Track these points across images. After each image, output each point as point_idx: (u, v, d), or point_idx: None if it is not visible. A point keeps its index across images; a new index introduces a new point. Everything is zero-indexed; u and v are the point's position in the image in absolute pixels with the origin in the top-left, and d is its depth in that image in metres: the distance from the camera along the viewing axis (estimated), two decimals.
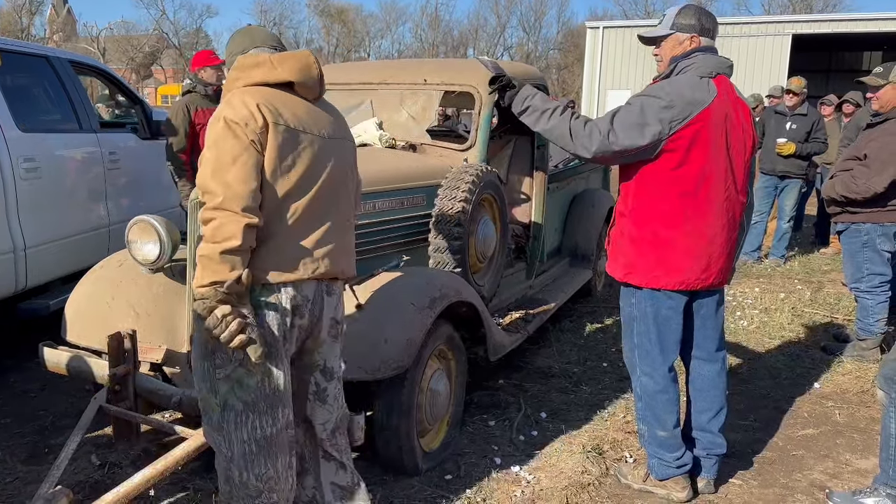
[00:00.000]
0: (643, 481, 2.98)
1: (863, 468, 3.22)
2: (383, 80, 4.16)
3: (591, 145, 2.60)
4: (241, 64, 2.04)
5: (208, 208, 1.84)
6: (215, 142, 1.89)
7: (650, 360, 2.83)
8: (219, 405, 1.99)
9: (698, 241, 2.64)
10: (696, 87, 2.58)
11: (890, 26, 22.60)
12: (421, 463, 2.97)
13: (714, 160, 2.59)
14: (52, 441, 3.29)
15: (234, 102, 1.93)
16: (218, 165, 1.86)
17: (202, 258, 1.82)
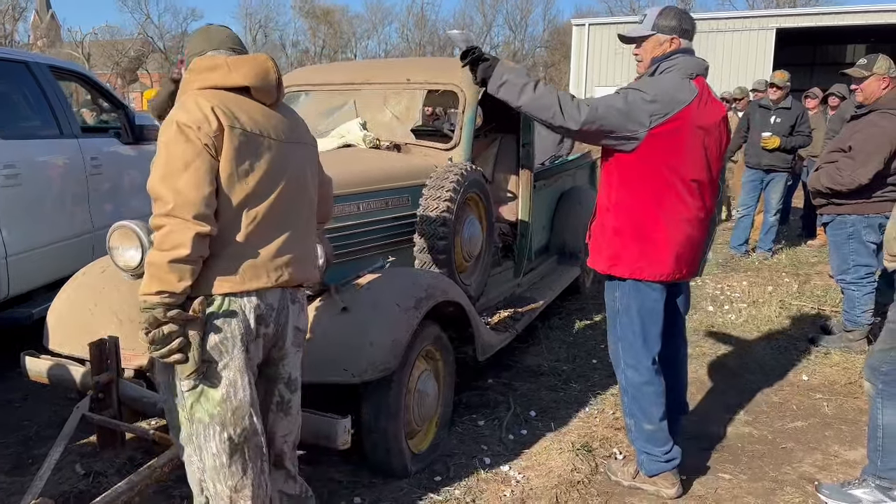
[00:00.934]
0: (633, 478, 2.98)
1: (851, 459, 3.23)
2: (366, 80, 4.14)
3: (579, 116, 2.56)
4: (196, 66, 1.98)
5: (158, 215, 1.79)
6: (166, 145, 1.83)
7: (634, 352, 2.86)
8: (187, 418, 1.96)
9: (677, 234, 2.70)
10: (679, 86, 2.62)
11: (873, 19, 22.75)
12: (410, 465, 2.95)
13: (691, 156, 2.64)
14: (35, 451, 3.24)
15: (187, 105, 1.87)
16: (168, 170, 1.79)
17: (150, 266, 1.78)
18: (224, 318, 1.89)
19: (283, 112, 2.09)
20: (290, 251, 2.01)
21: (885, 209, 4.10)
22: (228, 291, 1.89)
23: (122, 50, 46.08)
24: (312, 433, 2.56)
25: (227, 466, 1.97)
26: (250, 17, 50.79)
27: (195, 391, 1.92)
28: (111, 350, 2.87)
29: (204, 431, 1.95)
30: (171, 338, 1.79)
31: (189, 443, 1.99)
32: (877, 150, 3.93)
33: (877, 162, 3.93)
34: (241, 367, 1.94)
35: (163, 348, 1.80)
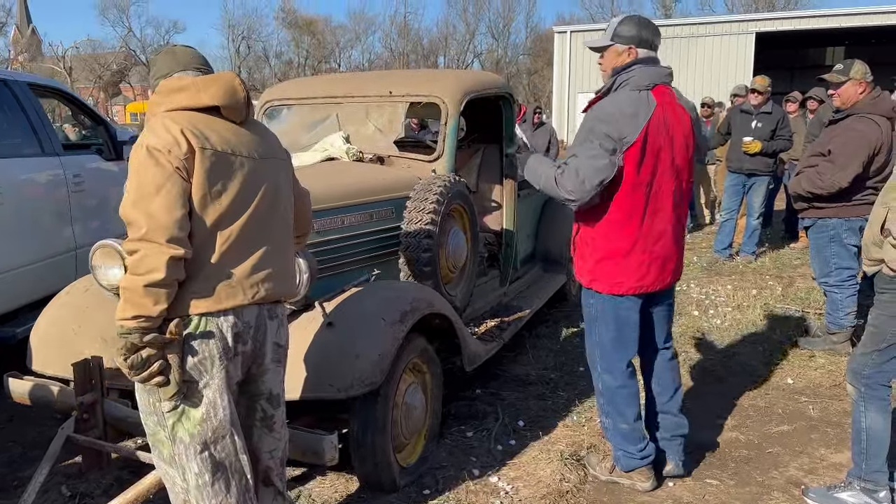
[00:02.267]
0: (609, 473, 3.08)
1: (837, 462, 3.25)
2: (348, 93, 4.14)
3: (576, 190, 2.64)
4: (164, 88, 1.97)
5: (132, 240, 1.79)
6: (137, 170, 1.82)
7: (609, 357, 2.94)
8: (168, 438, 1.96)
9: (654, 246, 2.75)
10: (636, 103, 2.64)
11: (851, 21, 23.05)
12: (398, 479, 2.94)
13: (661, 168, 2.69)
14: (21, 473, 3.21)
15: (156, 128, 1.86)
16: (140, 195, 1.79)
17: (125, 291, 1.78)
18: (202, 338, 1.90)
19: (252, 129, 2.09)
20: (267, 267, 2.01)
21: (865, 212, 4.13)
22: (205, 311, 1.89)
23: (104, 63, 45.87)
24: (300, 450, 2.56)
25: (209, 485, 1.97)
26: (233, 29, 50.70)
27: (176, 411, 1.93)
28: (95, 370, 2.85)
29: (185, 451, 1.95)
30: (151, 361, 1.81)
31: (171, 463, 1.99)
32: (856, 153, 3.98)
33: (856, 165, 3.98)
34: (221, 386, 1.94)
35: (143, 372, 1.80)
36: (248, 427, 2.12)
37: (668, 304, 3.02)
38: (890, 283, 2.63)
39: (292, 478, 3.11)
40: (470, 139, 4.89)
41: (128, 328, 1.78)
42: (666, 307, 3.01)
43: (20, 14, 51.42)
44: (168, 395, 1.88)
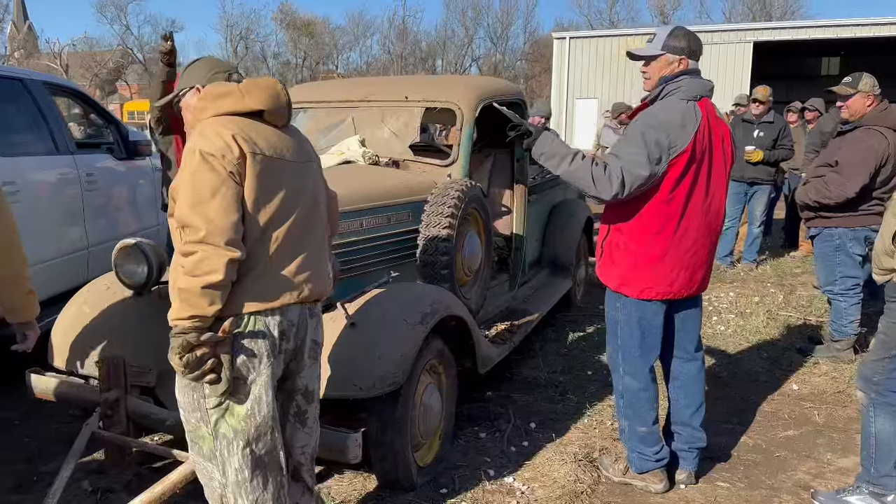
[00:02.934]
0: (623, 474, 3.13)
1: (844, 467, 3.32)
2: (364, 97, 4.20)
3: (611, 189, 2.68)
4: (208, 94, 2.02)
5: (190, 242, 1.83)
6: (192, 175, 1.87)
7: (633, 360, 2.98)
8: (210, 434, 2.01)
9: (685, 254, 2.81)
10: (685, 114, 2.70)
11: (846, 32, 23.23)
12: (416, 478, 2.99)
13: (700, 179, 2.75)
14: (41, 468, 3.24)
15: (207, 133, 1.91)
16: (197, 199, 1.84)
17: (182, 291, 1.82)
18: (252, 336, 1.96)
19: (291, 133, 2.16)
20: (310, 268, 2.08)
21: (870, 222, 4.22)
22: (255, 311, 1.95)
23: (100, 61, 45.76)
24: (324, 447, 2.59)
25: (248, 481, 2.02)
26: (231, 29, 50.69)
27: (220, 407, 1.98)
28: (120, 367, 2.89)
29: (228, 446, 2.00)
30: (204, 360, 1.86)
31: (212, 459, 2.03)
32: (863, 164, 4.06)
33: (863, 176, 4.06)
34: (267, 382, 2.00)
35: (196, 371, 1.86)
36: (282, 422, 2.17)
37: (696, 311, 3.06)
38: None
39: None
40: (481, 144, 4.95)
41: (183, 328, 1.83)
42: (693, 313, 3.04)
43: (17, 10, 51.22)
44: (218, 392, 1.93)
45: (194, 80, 2.14)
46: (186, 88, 2.13)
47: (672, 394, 3.15)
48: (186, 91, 2.13)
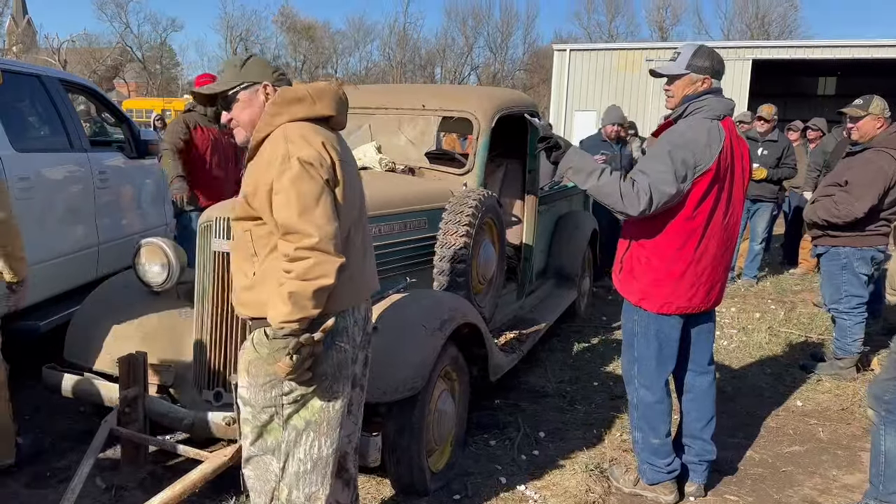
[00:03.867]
0: (634, 485, 3.16)
1: (850, 483, 3.36)
2: (381, 104, 4.24)
3: (639, 206, 2.72)
4: (283, 98, 2.04)
5: (301, 248, 1.87)
6: (294, 182, 1.90)
7: (649, 373, 3.02)
8: (280, 426, 2.06)
9: (705, 270, 2.86)
10: (710, 132, 2.75)
11: (844, 53, 23.46)
12: (430, 483, 3.01)
13: (722, 197, 2.81)
14: (53, 464, 3.25)
15: (296, 140, 1.95)
16: (304, 206, 1.88)
17: (292, 294, 1.86)
18: (340, 334, 2.06)
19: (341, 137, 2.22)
20: (372, 265, 2.24)
21: (877, 242, 4.29)
22: (343, 308, 2.05)
23: (99, 58, 45.66)
24: None
25: (308, 473, 2.09)
26: (231, 30, 50.69)
27: (297, 401, 2.05)
28: (139, 365, 2.91)
29: (297, 437, 2.07)
30: (308, 359, 1.93)
31: (275, 451, 2.09)
32: (872, 185, 4.13)
33: (872, 196, 4.13)
34: (347, 377, 2.10)
35: (300, 370, 1.92)
36: None
37: (710, 325, 3.11)
38: None
39: None
40: (493, 154, 4.98)
41: (292, 329, 1.88)
42: (708, 327, 3.09)
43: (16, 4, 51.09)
44: (308, 388, 2.02)
45: (258, 76, 2.11)
46: (248, 83, 2.09)
47: (684, 406, 3.18)
48: (249, 85, 2.10)
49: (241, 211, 2.05)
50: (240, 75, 2.10)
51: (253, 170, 2.03)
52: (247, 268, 2.06)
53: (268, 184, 1.94)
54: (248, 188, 2.00)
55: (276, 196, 1.92)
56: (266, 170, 1.95)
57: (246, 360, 2.08)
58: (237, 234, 2.10)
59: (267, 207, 1.96)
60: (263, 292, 1.99)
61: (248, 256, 2.05)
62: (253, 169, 2.03)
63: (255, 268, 2.04)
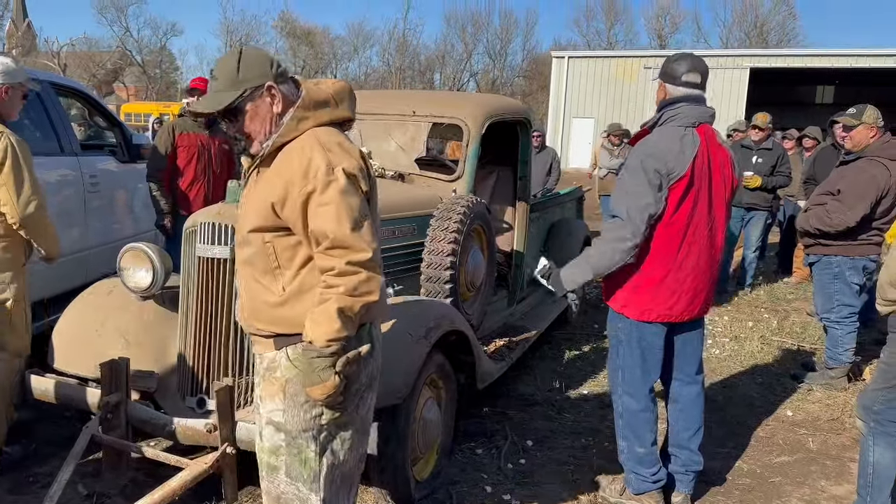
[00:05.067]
0: (619, 495, 3.14)
1: (838, 494, 3.34)
2: (371, 110, 4.22)
3: (631, 239, 2.74)
4: (310, 101, 1.92)
5: (353, 262, 1.78)
6: (343, 195, 1.80)
7: (633, 381, 3.01)
8: (315, 453, 1.97)
9: (686, 278, 2.85)
10: (683, 140, 2.75)
11: (842, 62, 23.52)
12: (414, 492, 2.99)
13: (699, 205, 2.79)
14: (36, 469, 3.22)
15: (334, 149, 1.84)
16: (355, 221, 1.80)
17: (342, 311, 1.78)
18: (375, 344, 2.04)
19: None
20: None
21: (868, 252, 4.28)
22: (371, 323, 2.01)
23: (98, 62, 45.71)
24: None
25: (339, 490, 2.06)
26: (231, 34, 50.74)
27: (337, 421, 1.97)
28: (122, 371, 2.88)
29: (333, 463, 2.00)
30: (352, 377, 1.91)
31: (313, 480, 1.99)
32: (865, 194, 4.12)
33: (864, 206, 4.12)
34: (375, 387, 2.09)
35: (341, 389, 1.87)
36: None
37: (697, 334, 3.09)
38: None
39: None
40: (484, 160, 4.97)
41: (340, 346, 1.81)
42: (694, 336, 3.08)
43: (16, 8, 51.11)
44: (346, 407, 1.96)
45: (259, 77, 1.89)
46: (249, 89, 1.88)
47: (671, 416, 3.16)
48: (252, 92, 1.89)
49: (262, 220, 1.89)
50: (238, 82, 1.88)
51: (275, 178, 1.87)
52: (268, 281, 1.93)
53: (303, 194, 1.80)
54: (275, 197, 1.84)
55: (321, 208, 1.79)
56: (301, 178, 1.80)
57: (282, 380, 1.94)
58: (255, 245, 1.94)
59: (300, 218, 1.83)
60: (298, 307, 1.89)
61: (268, 269, 1.93)
62: (275, 177, 1.87)
63: (282, 281, 1.92)
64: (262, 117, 1.91)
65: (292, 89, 1.96)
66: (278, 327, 1.94)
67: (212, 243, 2.92)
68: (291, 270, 1.91)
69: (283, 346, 1.94)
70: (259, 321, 1.97)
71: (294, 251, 1.89)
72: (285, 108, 1.92)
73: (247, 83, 1.88)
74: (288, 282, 1.91)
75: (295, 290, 1.90)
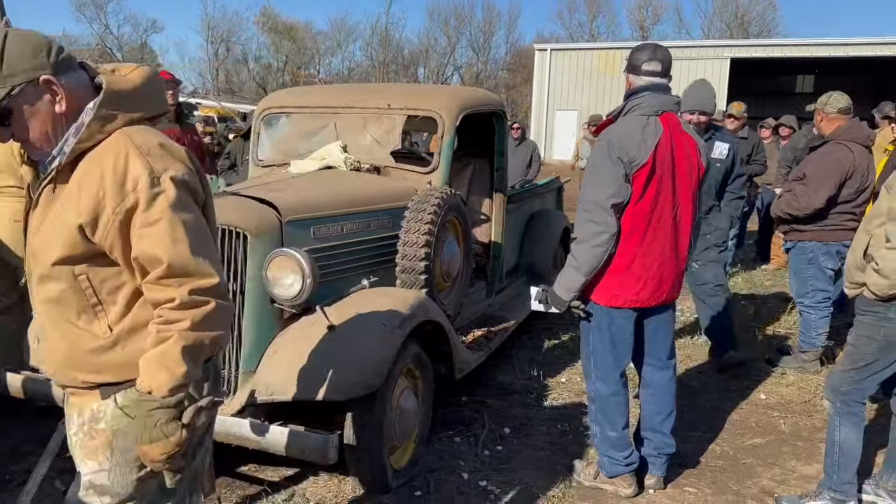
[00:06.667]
0: (594, 478, 3.19)
1: (807, 474, 3.41)
2: (347, 103, 4.24)
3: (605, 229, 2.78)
4: (112, 95, 1.54)
5: (198, 290, 1.48)
6: (175, 209, 1.48)
7: (603, 366, 3.06)
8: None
9: (651, 264, 2.90)
10: (645, 129, 2.80)
11: (821, 51, 23.73)
12: (391, 480, 3.03)
13: (663, 193, 2.84)
14: (13, 468, 3.23)
15: (154, 152, 1.51)
16: (194, 240, 1.50)
17: (187, 350, 1.47)
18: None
19: None
20: None
21: (842, 237, 4.35)
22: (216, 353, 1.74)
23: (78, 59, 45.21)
24: (301, 449, 2.64)
25: None
26: (212, 31, 50.38)
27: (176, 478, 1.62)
28: None
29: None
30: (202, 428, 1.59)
31: None
32: (827, 176, 4.20)
33: (828, 187, 4.20)
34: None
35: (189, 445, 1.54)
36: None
37: (667, 318, 3.13)
38: (870, 305, 2.78)
39: (285, 478, 3.18)
40: (461, 153, 5.01)
41: (184, 394, 1.51)
42: (664, 321, 3.11)
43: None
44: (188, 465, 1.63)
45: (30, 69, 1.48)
46: (18, 85, 1.47)
47: (643, 400, 3.22)
48: (22, 89, 1.48)
49: (69, 248, 1.50)
50: (3, 77, 1.46)
51: (79, 194, 1.49)
52: (87, 322, 1.57)
53: (121, 212, 1.46)
54: (82, 218, 1.47)
55: (148, 228, 1.47)
56: (116, 192, 1.46)
57: (107, 432, 1.59)
58: (63, 281, 1.54)
59: (118, 242, 1.49)
60: (131, 349, 1.56)
61: (85, 307, 1.56)
62: (78, 193, 1.49)
63: (107, 320, 1.57)
64: (41, 119, 1.51)
65: (83, 80, 1.58)
66: (105, 375, 1.58)
67: None
68: (118, 305, 1.57)
69: (112, 394, 1.59)
70: (79, 370, 1.59)
71: (117, 280, 1.56)
72: (73, 105, 1.54)
73: (15, 78, 1.46)
74: (115, 319, 1.57)
75: (126, 328, 1.57)
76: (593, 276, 2.90)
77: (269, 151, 4.37)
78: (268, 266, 2.90)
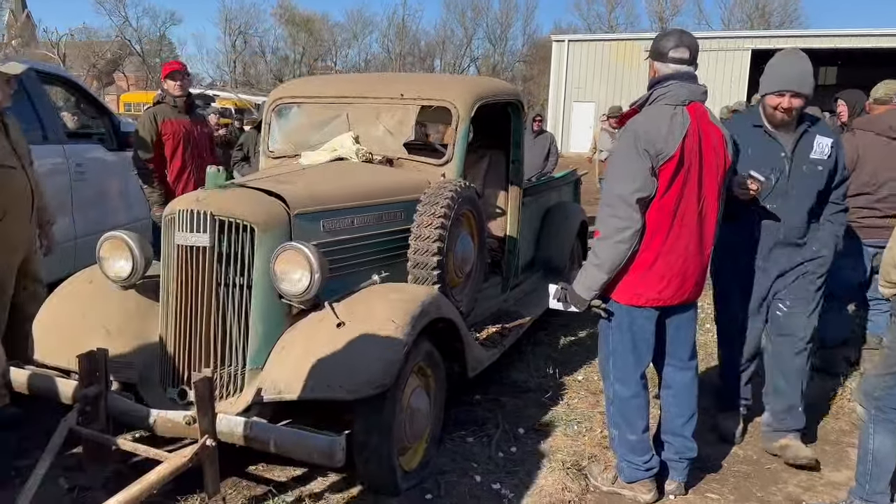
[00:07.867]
0: (612, 484, 3.08)
1: (835, 481, 3.27)
2: (359, 94, 4.14)
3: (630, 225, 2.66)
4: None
5: None
6: None
7: (624, 367, 2.94)
8: None
9: (675, 261, 2.77)
10: (672, 119, 2.67)
11: (845, 43, 23.29)
12: (401, 482, 2.93)
13: (689, 187, 2.71)
14: (18, 464, 3.17)
15: None
16: None
17: None
18: None
19: None
20: None
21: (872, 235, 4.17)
22: None
23: (98, 52, 45.47)
24: (308, 451, 2.54)
25: None
26: (230, 23, 50.45)
27: None
28: (100, 362, 2.82)
29: None
30: None
31: None
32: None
33: None
34: None
35: None
36: None
37: (690, 318, 3.01)
38: None
39: (293, 478, 3.09)
40: (476, 144, 4.89)
41: None
42: (686, 320, 3.00)
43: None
44: None
45: None
46: None
47: (664, 402, 3.10)
48: None
49: None
50: None
51: None
52: None
53: None
54: None
55: None
56: None
57: None
58: None
59: None
60: None
61: None
62: None
63: None
64: None
65: None
66: None
67: (191, 231, 2.85)
68: None
69: None
70: None
71: None
72: None
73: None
74: None
75: None
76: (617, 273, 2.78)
77: (280, 142, 4.28)
78: (275, 260, 2.82)
